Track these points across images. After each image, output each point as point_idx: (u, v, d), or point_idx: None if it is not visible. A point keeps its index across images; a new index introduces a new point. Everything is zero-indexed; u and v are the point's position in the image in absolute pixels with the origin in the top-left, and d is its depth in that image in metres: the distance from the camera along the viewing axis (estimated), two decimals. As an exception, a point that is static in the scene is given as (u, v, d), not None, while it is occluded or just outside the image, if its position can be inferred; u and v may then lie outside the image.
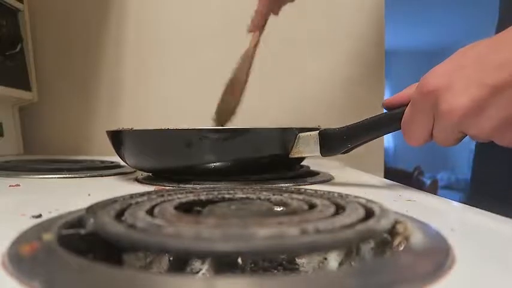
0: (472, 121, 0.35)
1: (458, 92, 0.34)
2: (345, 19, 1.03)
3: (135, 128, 0.47)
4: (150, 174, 0.53)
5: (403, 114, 0.40)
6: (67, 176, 0.52)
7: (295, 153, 0.47)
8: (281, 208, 0.24)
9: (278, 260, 0.18)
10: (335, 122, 0.52)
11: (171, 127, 0.45)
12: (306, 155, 0.47)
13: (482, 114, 0.34)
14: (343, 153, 0.45)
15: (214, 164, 0.45)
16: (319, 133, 0.46)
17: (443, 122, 0.36)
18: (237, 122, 0.64)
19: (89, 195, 0.37)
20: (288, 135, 0.47)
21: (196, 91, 1.03)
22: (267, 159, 0.47)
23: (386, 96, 0.60)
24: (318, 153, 0.46)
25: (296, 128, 0.47)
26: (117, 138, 0.49)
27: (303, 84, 1.03)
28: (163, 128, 0.44)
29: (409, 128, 0.40)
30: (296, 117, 1.01)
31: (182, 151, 0.45)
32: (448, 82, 0.35)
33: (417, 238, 0.20)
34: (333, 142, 0.45)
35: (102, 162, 0.66)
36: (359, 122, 0.44)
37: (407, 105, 0.40)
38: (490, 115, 0.34)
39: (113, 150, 0.50)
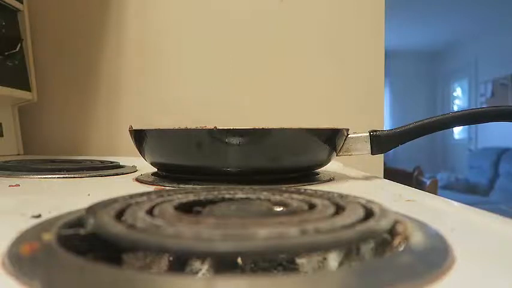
0: None
1: None
2: (345, 19, 1.03)
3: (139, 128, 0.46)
4: (151, 174, 0.53)
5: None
6: (67, 176, 0.52)
7: (344, 153, 0.49)
8: (281, 208, 0.24)
9: (278, 260, 0.18)
10: (335, 121, 0.52)
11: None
12: (355, 154, 0.49)
13: None
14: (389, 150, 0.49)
15: (254, 164, 0.44)
16: (370, 134, 0.49)
17: None
18: (241, 123, 0.63)
19: (89, 195, 0.37)
20: (337, 136, 0.48)
21: (196, 91, 1.03)
22: (306, 160, 0.47)
23: (386, 95, 0.61)
24: (368, 152, 0.48)
25: (345, 129, 0.49)
26: (140, 136, 0.48)
27: (303, 84, 1.03)
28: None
29: None
30: (295, 116, 1.01)
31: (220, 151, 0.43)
32: None
33: (417, 238, 0.20)
34: (385, 142, 0.48)
35: (102, 162, 0.66)
36: (414, 124, 0.48)
37: None
38: None
39: (112, 150, 0.50)
